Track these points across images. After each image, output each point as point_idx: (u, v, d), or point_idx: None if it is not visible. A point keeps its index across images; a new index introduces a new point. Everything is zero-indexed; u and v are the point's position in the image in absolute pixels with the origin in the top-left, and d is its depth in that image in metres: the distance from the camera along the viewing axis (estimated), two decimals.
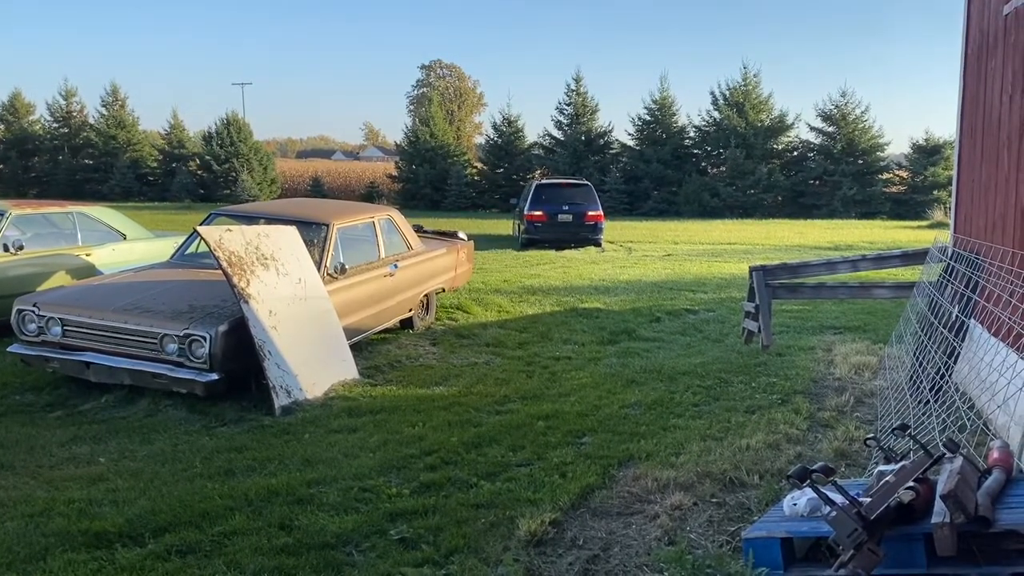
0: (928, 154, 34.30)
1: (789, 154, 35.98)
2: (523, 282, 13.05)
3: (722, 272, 14.84)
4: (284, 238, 7.10)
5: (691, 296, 12.04)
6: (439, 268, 9.75)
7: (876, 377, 7.51)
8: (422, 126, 38.64)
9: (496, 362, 8.03)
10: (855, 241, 21.77)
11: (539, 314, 10.54)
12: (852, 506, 2.51)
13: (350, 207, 9.34)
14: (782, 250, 19.33)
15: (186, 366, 6.28)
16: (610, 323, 9.99)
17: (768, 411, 6.17)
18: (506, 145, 37.46)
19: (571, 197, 19.42)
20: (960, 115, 7.24)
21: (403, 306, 8.88)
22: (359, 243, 8.52)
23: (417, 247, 9.36)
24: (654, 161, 34.60)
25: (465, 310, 10.51)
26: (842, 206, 33.06)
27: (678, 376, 7.34)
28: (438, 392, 6.86)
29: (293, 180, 43.83)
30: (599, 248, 19.10)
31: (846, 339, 9.18)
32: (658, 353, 8.52)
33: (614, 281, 13.42)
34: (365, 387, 6.97)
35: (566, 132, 36.79)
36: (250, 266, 6.55)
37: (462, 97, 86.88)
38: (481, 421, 5.96)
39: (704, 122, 35.95)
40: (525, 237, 19.17)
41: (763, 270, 8.74)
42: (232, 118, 39.50)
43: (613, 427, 5.74)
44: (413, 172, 37.94)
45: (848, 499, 2.57)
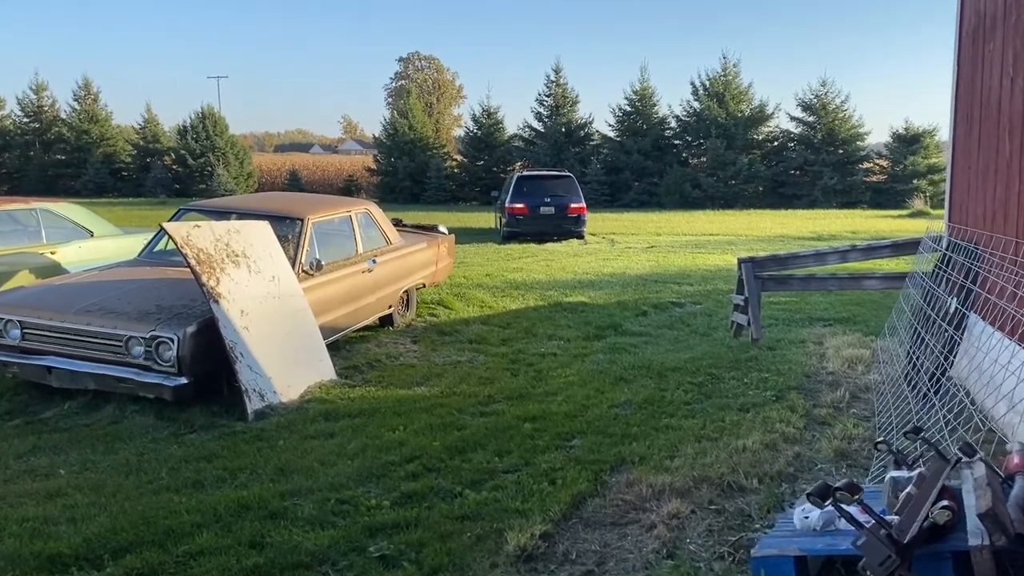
0: (908, 143, 34.31)
1: (769, 144, 35.90)
2: (505, 276, 12.78)
3: (706, 264, 14.64)
4: (256, 234, 6.79)
5: (676, 289, 11.82)
6: (419, 263, 9.46)
7: (870, 371, 7.31)
8: (401, 118, 38.21)
9: (479, 360, 7.76)
10: (838, 231, 21.66)
11: (522, 309, 10.27)
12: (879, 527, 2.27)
13: (325, 201, 9.02)
14: (765, 241, 19.17)
15: (153, 370, 5.96)
16: (595, 318, 9.74)
17: (763, 409, 5.95)
18: (486, 137, 37.12)
19: (553, 189, 19.03)
20: (954, 101, 7.03)
21: (382, 303, 8.59)
22: (335, 238, 8.21)
23: (396, 241, 9.07)
24: (635, 152, 34.40)
25: (447, 306, 10.23)
26: (823, 196, 33.02)
27: (668, 372, 7.10)
28: (420, 393, 6.58)
29: (270, 174, 43.27)
30: (582, 241, 18.78)
31: (836, 331, 8.99)
32: (646, 348, 8.28)
33: (598, 274, 13.18)
34: (343, 388, 6.67)
35: (546, 124, 36.51)
36: (220, 264, 6.23)
37: (441, 89, 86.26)
38: (465, 424, 5.69)
39: (684, 112, 35.82)
40: (507, 230, 18.75)
41: (752, 262, 8.51)
42: (208, 112, 38.91)
43: (603, 428, 5.48)
44: (392, 165, 37.54)
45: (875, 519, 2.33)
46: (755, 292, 8.48)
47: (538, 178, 19.62)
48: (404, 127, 37.65)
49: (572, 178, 19.90)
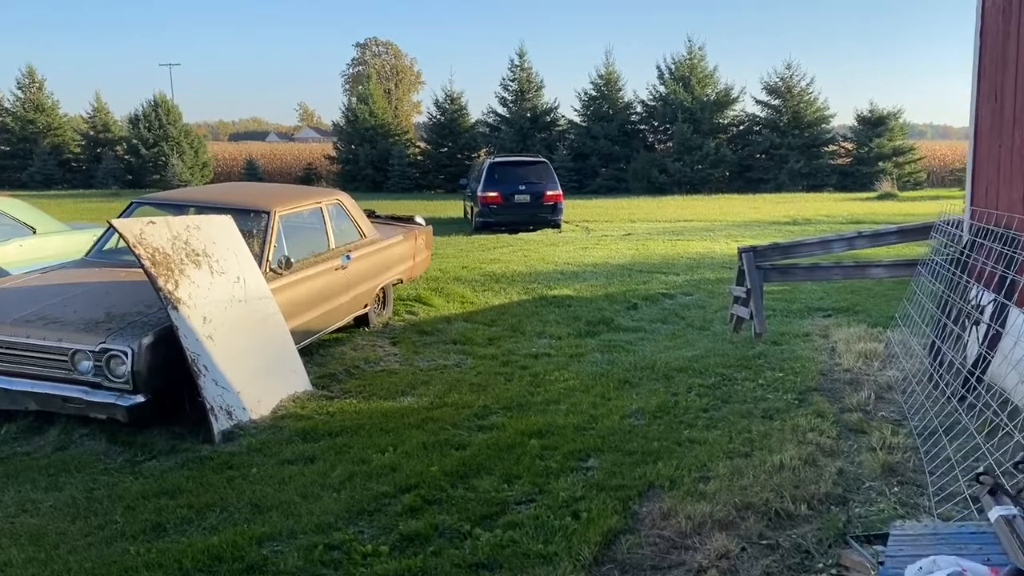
0: (873, 125, 34.22)
1: (735, 128, 35.59)
2: (483, 268, 12.13)
3: (688, 252, 14.12)
4: (218, 230, 6.06)
5: (664, 279, 11.27)
6: (396, 257, 8.77)
7: (886, 366, 6.83)
8: (360, 104, 37.21)
9: (467, 363, 7.12)
10: (812, 215, 21.33)
11: (506, 304, 9.64)
12: None
13: (293, 191, 8.29)
14: (742, 226, 18.75)
15: (104, 387, 5.22)
16: (585, 312, 9.15)
17: (788, 415, 5.41)
18: (449, 123, 36.30)
19: (527, 176, 18.03)
20: (977, 77, 6.52)
21: (358, 302, 7.90)
22: (305, 232, 7.51)
23: (371, 235, 8.37)
24: (601, 137, 33.86)
25: (425, 302, 9.56)
26: (789, 179, 32.81)
27: (674, 374, 6.54)
28: (406, 404, 5.92)
29: (226, 163, 42.00)
30: (556, 230, 18.07)
31: (840, 322, 8.52)
32: (644, 345, 7.71)
33: (579, 264, 12.58)
34: (320, 401, 6.00)
35: (511, 109, 35.80)
36: (178, 265, 5.51)
37: (399, 75, 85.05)
38: (463, 441, 5.06)
39: (650, 97, 35.34)
40: (479, 220, 17.73)
41: (753, 251, 7.97)
42: (160, 99, 37.56)
43: (619, 444, 4.89)
44: (353, 153, 36.58)
45: None
46: (757, 284, 7.94)
47: (511, 164, 18.55)
48: (364, 113, 36.66)
49: (547, 164, 18.92)
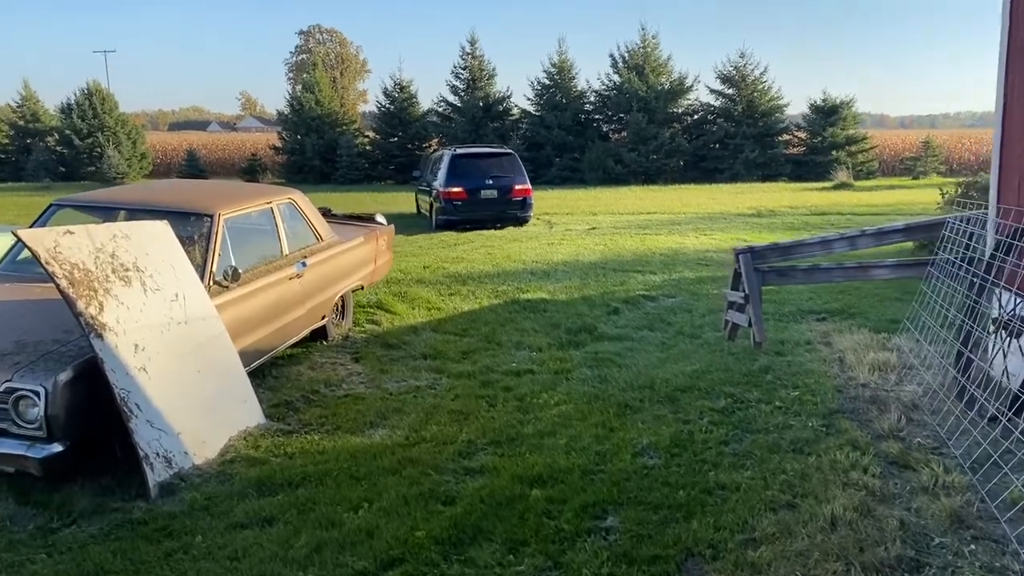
0: (826, 115, 34.12)
1: (690, 117, 35.21)
2: (446, 268, 11.29)
3: (659, 248, 13.46)
4: (152, 239, 5.14)
5: (641, 279, 10.57)
6: (356, 261, 7.90)
7: (904, 379, 6.21)
8: (306, 93, 35.91)
9: (442, 384, 6.31)
10: (775, 207, 20.90)
11: (476, 310, 8.83)
12: None
13: (239, 190, 7.36)
14: (707, 219, 18.19)
15: (12, 434, 4.30)
16: (563, 318, 8.39)
17: (819, 447, 4.73)
18: (399, 112, 35.25)
19: (494, 169, 16.61)
20: (1006, 59, 5.91)
21: (315, 313, 7.02)
22: (255, 237, 6.61)
23: (328, 237, 7.49)
24: (555, 127, 33.16)
25: (388, 309, 8.70)
26: (744, 169, 32.51)
27: (678, 395, 5.82)
28: (378, 441, 5.09)
29: (166, 154, 40.41)
30: (518, 224, 17.09)
31: (839, 327, 7.92)
32: (635, 358, 6.98)
33: (548, 263, 11.82)
34: (276, 438, 5.13)
35: (463, 98, 34.88)
36: (103, 283, 4.59)
37: (344, 63, 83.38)
38: (450, 492, 4.26)
39: (604, 86, 34.76)
40: (442, 219, 16.21)
41: (751, 252, 7.29)
42: (94, 88, 35.74)
43: (639, 494, 4.14)
44: (299, 143, 35.29)
45: None
46: (756, 288, 7.28)
47: (476, 156, 17.07)
48: (310, 102, 35.38)
49: (514, 155, 17.45)
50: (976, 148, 38.40)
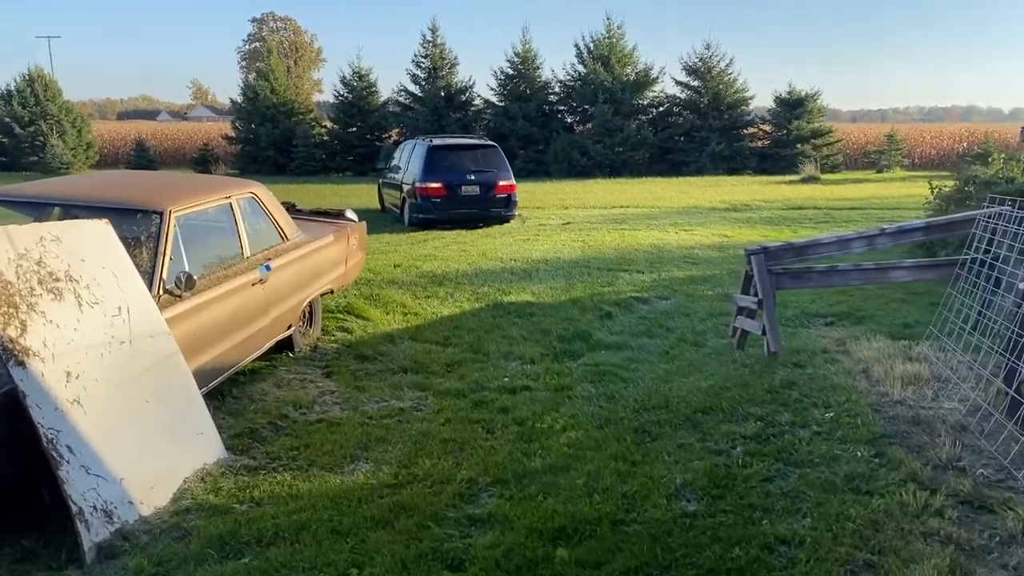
0: (791, 107, 33.84)
1: (655, 109, 34.70)
2: (419, 267, 10.50)
3: (640, 244, 12.81)
4: (89, 241, 4.31)
5: (629, 279, 9.90)
6: (326, 262, 7.09)
7: (941, 395, 5.61)
8: (261, 81, 34.60)
9: (428, 404, 5.55)
10: (749, 200, 20.41)
11: (457, 315, 8.07)
12: None
13: (193, 183, 6.50)
14: (683, 213, 17.61)
15: None
16: (553, 324, 7.68)
17: (878, 483, 4.08)
18: (358, 102, 34.12)
19: (475, 162, 15.05)
20: None
21: (280, 322, 6.21)
22: (212, 237, 5.78)
23: (294, 236, 6.67)
24: (520, 118, 32.38)
25: (359, 314, 7.90)
26: (710, 162, 32.07)
27: (699, 417, 5.14)
28: (361, 480, 4.32)
29: (113, 144, 38.76)
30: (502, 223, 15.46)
31: (852, 333, 7.34)
32: (639, 370, 6.29)
33: (527, 260, 11.09)
34: (240, 477, 4.34)
35: (424, 88, 33.91)
36: (27, 297, 3.75)
37: (299, 52, 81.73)
38: (456, 552, 3.51)
39: (569, 76, 34.04)
40: (418, 217, 14.61)
41: (764, 253, 6.66)
42: (37, 74, 34.01)
43: (686, 553, 3.43)
44: (253, 132, 33.98)
45: None
46: (770, 292, 6.65)
47: (455, 148, 15.44)
48: (265, 90, 34.08)
49: (496, 148, 15.86)
50: (937, 143, 38.50)
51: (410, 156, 15.67)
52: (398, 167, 16.34)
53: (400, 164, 16.29)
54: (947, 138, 38.87)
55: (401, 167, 16.02)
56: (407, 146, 16.77)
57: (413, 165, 15.11)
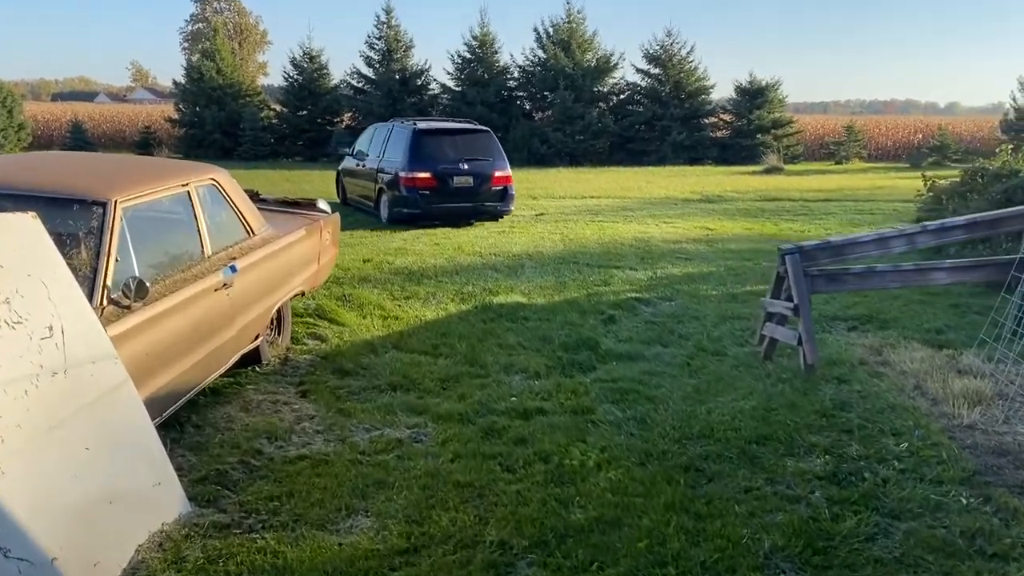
0: (752, 97, 33.45)
1: (616, 97, 34.02)
2: (391, 262, 9.56)
3: (622, 237, 12.05)
4: (10, 241, 3.33)
5: (623, 276, 9.11)
6: (297, 261, 6.14)
7: (1012, 417, 4.94)
8: (206, 61, 33.00)
9: (429, 433, 4.68)
10: (720, 191, 19.83)
11: (443, 319, 7.18)
12: None
13: (143, 167, 5.48)
14: (657, 204, 16.93)
15: None
16: (552, 330, 6.84)
17: (1003, 542, 3.36)
18: (308, 84, 32.73)
19: (467, 149, 13.13)
20: None
21: (248, 333, 5.27)
22: (167, 233, 4.82)
23: (261, 230, 5.71)
24: (478, 103, 31.36)
25: (332, 319, 6.97)
26: (671, 152, 31.52)
27: (754, 449, 4.37)
28: (365, 544, 3.42)
29: (47, 126, 36.73)
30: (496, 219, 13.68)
31: (883, 339, 6.66)
32: (663, 386, 5.49)
33: (507, 255, 10.22)
34: (209, 544, 3.41)
35: (378, 70, 32.69)
36: None
37: (243, 34, 79.25)
38: None
39: (528, 62, 33.15)
40: (401, 212, 12.71)
41: (800, 252, 5.91)
42: None
43: None
44: (198, 115, 32.38)
45: None
46: (807, 296, 5.90)
47: (444, 134, 13.48)
48: (211, 71, 32.50)
49: (490, 133, 13.86)
50: (892, 134, 38.55)
51: (385, 142, 13.85)
52: (363, 153, 14.63)
53: (369, 150, 14.43)
54: (902, 130, 38.97)
55: (371, 154, 14.18)
56: (379, 130, 14.83)
57: (392, 152, 13.28)
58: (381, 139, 14.13)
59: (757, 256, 10.55)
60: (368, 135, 15.25)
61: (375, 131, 15.05)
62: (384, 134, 14.16)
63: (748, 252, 10.89)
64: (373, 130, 15.23)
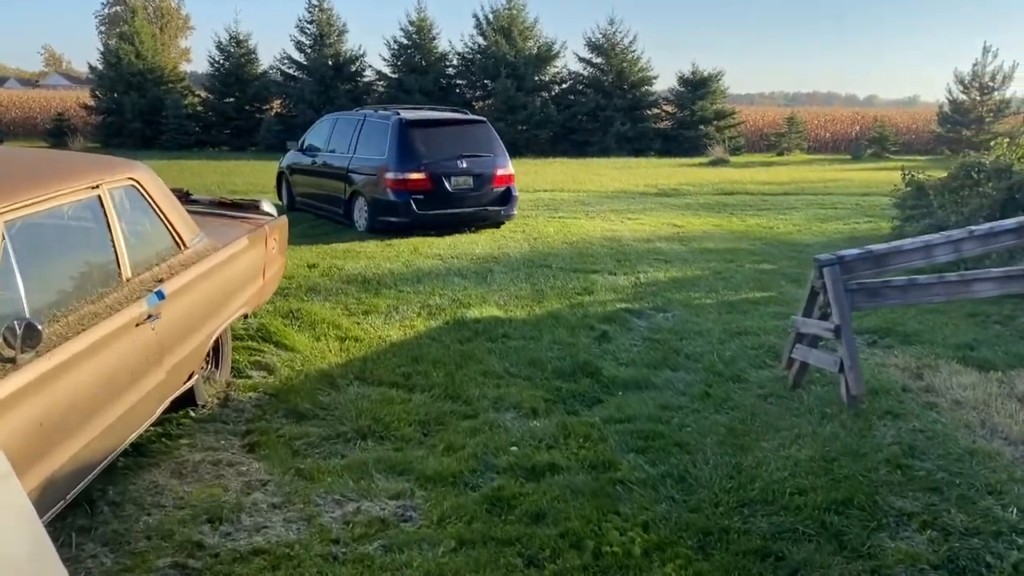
0: (695, 87, 33.00)
1: (558, 86, 33.20)
2: (341, 267, 8.43)
3: (589, 235, 11.15)
4: None
5: (603, 282, 8.19)
6: (240, 277, 5.02)
7: None
8: (124, 44, 31.00)
9: (419, 506, 3.66)
10: (675, 184, 19.09)
11: (411, 340, 6.14)
12: None
13: (37, 164, 4.25)
14: (613, 198, 16.10)
15: None
16: (541, 351, 5.88)
17: None
18: (236, 70, 31.06)
19: (465, 144, 11.09)
20: None
21: (179, 372, 4.15)
22: (69, 252, 3.68)
23: (194, 240, 4.59)
24: (416, 91, 30.13)
25: (279, 341, 5.86)
26: (615, 143, 30.83)
27: (835, 521, 3.49)
28: None
29: None
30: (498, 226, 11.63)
31: (916, 358, 5.87)
32: (686, 426, 4.59)
33: (471, 258, 9.19)
34: None
35: (309, 56, 31.17)
36: None
37: (164, 18, 75.97)
38: None
39: (468, 49, 32.12)
40: (387, 221, 10.56)
41: (840, 263, 5.06)
42: None
43: None
44: (116, 102, 30.40)
45: None
46: (848, 315, 5.06)
47: (435, 125, 11.29)
48: (130, 55, 30.53)
49: (487, 124, 11.96)
50: (830, 126, 38.63)
51: (355, 135, 11.51)
52: (316, 148, 12.36)
53: (329, 145, 12.12)
54: (839, 122, 39.11)
55: (334, 149, 11.92)
56: (341, 122, 12.42)
57: (369, 148, 11.08)
58: (347, 132, 11.80)
59: (738, 257, 9.76)
60: (325, 127, 12.76)
61: (335, 122, 12.62)
62: (351, 126, 11.81)
63: (727, 252, 10.10)
64: (332, 121, 12.77)
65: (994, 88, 32.59)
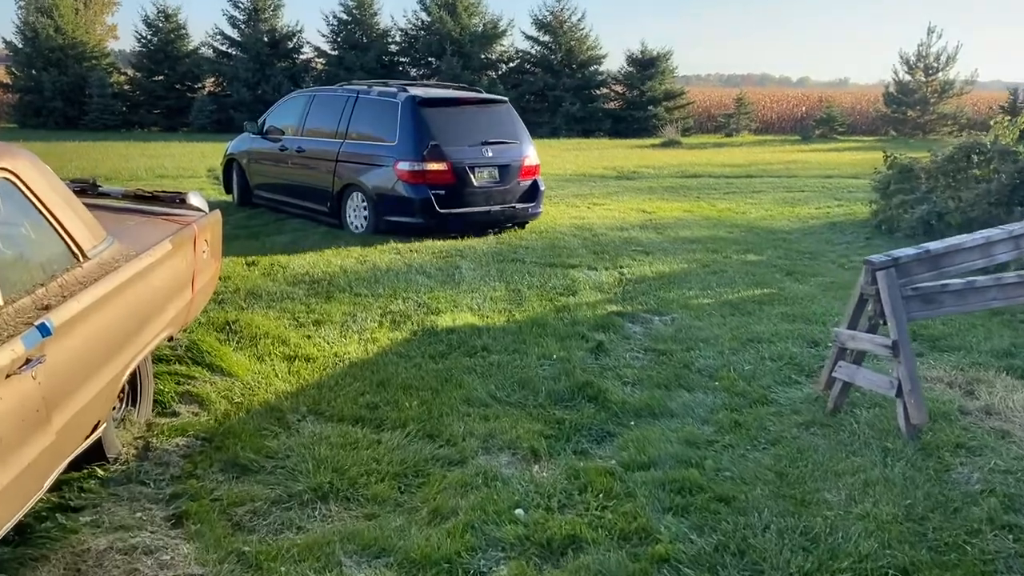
0: (644, 67, 32.27)
1: (505, 65, 32.15)
2: (285, 265, 7.36)
3: (557, 224, 10.23)
4: None
5: (586, 280, 7.28)
6: (161, 291, 3.96)
7: None
8: (42, 18, 28.92)
9: None
10: (634, 167, 18.29)
11: (375, 358, 5.14)
12: None
13: None
14: (574, 181, 15.22)
15: None
16: (530, 368, 4.95)
17: None
18: (164, 46, 29.28)
19: (488, 129, 9.32)
20: None
21: (76, 429, 3.12)
22: None
23: (98, 247, 3.53)
24: (357, 69, 28.78)
25: (212, 363, 4.82)
26: (565, 124, 29.95)
27: None
28: None
29: None
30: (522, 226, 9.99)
31: (956, 368, 5.11)
32: (724, 469, 3.74)
33: (432, 252, 8.16)
34: None
35: (243, 31, 29.52)
36: None
37: None
38: None
39: (411, 25, 30.84)
40: (404, 222, 8.78)
41: (896, 267, 4.24)
42: None
43: None
44: (34, 79, 28.38)
45: None
46: (905, 327, 4.23)
47: (452, 104, 9.48)
48: (48, 29, 28.50)
49: (509, 105, 10.01)
50: (777, 107, 38.30)
51: (344, 116, 9.54)
52: (282, 132, 10.33)
53: (306, 129, 10.06)
54: (785, 103, 38.82)
55: (315, 133, 9.90)
56: (320, 100, 10.36)
57: (372, 131, 9.23)
58: (331, 113, 9.76)
59: (721, 247, 8.98)
60: (296, 106, 10.55)
61: (310, 100, 10.46)
62: (337, 105, 9.78)
63: (707, 241, 9.31)
64: (307, 99, 10.56)
65: (938, 69, 32.52)
